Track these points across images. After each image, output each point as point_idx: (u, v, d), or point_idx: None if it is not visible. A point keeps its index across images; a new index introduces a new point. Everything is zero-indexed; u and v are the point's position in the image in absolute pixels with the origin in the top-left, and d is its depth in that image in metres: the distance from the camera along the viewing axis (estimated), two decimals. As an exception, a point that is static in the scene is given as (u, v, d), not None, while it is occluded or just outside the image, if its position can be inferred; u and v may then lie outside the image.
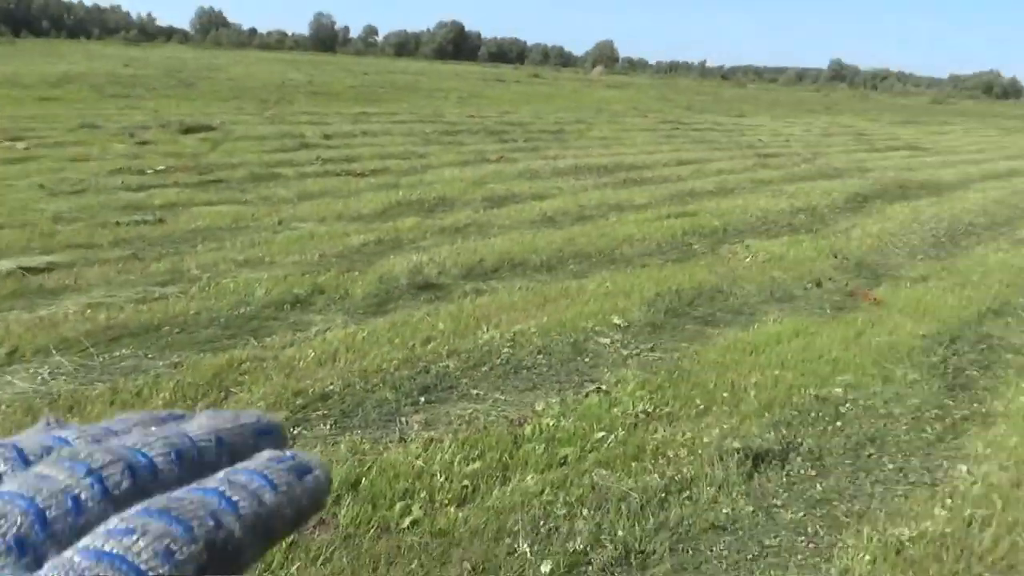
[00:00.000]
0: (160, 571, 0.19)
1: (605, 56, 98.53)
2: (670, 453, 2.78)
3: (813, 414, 3.23)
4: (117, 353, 3.51)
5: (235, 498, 0.22)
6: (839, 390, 3.47)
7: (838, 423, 3.17)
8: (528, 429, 2.87)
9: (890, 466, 2.92)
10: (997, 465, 2.96)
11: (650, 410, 3.13)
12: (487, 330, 3.99)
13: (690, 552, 2.28)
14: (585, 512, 2.37)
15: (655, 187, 8.84)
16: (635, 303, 4.55)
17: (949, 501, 2.68)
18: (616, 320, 4.24)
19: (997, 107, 59.97)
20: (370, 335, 3.84)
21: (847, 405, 3.34)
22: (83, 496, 0.21)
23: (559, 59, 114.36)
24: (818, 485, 2.72)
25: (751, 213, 7.42)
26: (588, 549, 2.19)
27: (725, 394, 3.30)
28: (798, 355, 3.85)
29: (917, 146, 17.20)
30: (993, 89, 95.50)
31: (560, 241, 5.97)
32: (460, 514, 2.32)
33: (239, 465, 0.24)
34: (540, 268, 5.32)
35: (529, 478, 2.53)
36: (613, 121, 18.14)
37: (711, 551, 2.30)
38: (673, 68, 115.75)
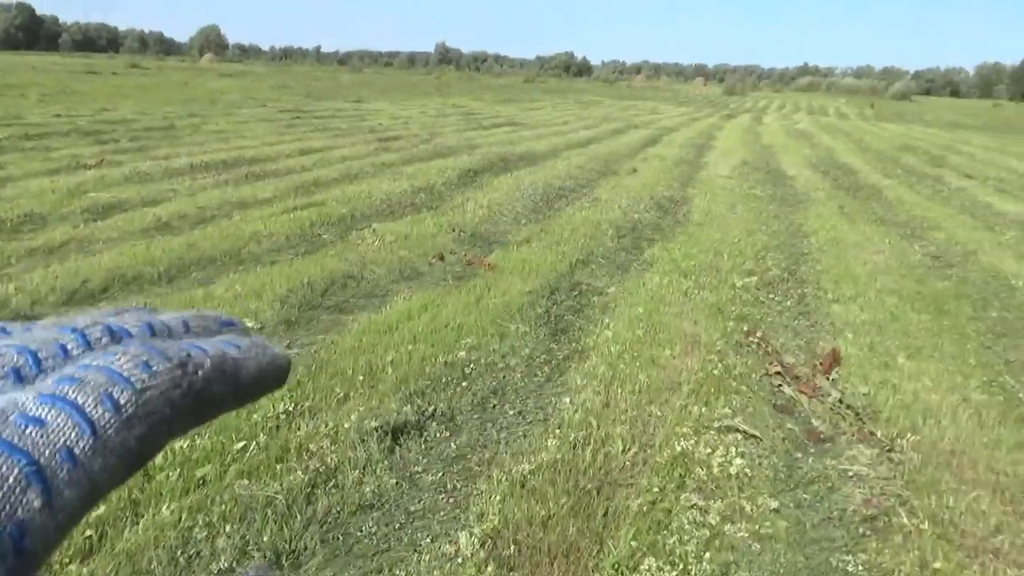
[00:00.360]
0: (140, 377, 0.23)
1: (213, 43, 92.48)
2: (313, 447, 2.83)
3: (444, 380, 3.53)
4: None
5: (204, 346, 0.26)
6: (463, 353, 3.83)
7: (464, 383, 3.51)
8: (158, 457, 2.68)
9: (511, 412, 3.32)
10: (592, 392, 3.54)
11: (291, 408, 3.13)
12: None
13: (340, 539, 2.36)
14: (228, 528, 2.31)
15: (279, 180, 8.67)
16: (267, 302, 4.47)
17: (558, 431, 3.15)
18: (248, 323, 4.12)
19: (576, 84, 69.80)
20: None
21: (471, 365, 3.71)
22: (69, 346, 0.24)
23: (160, 47, 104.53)
24: (452, 444, 3.00)
25: (376, 197, 7.69)
26: (234, 565, 2.15)
27: (362, 377, 3.44)
28: (428, 327, 4.15)
29: (516, 122, 19.33)
30: (571, 68, 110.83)
31: (180, 248, 5.57)
32: (84, 570, 2.10)
33: (206, 337, 0.28)
34: (159, 280, 4.92)
35: (164, 509, 2.38)
36: (229, 113, 17.24)
37: (360, 531, 2.41)
38: (288, 54, 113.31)
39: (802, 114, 34.90)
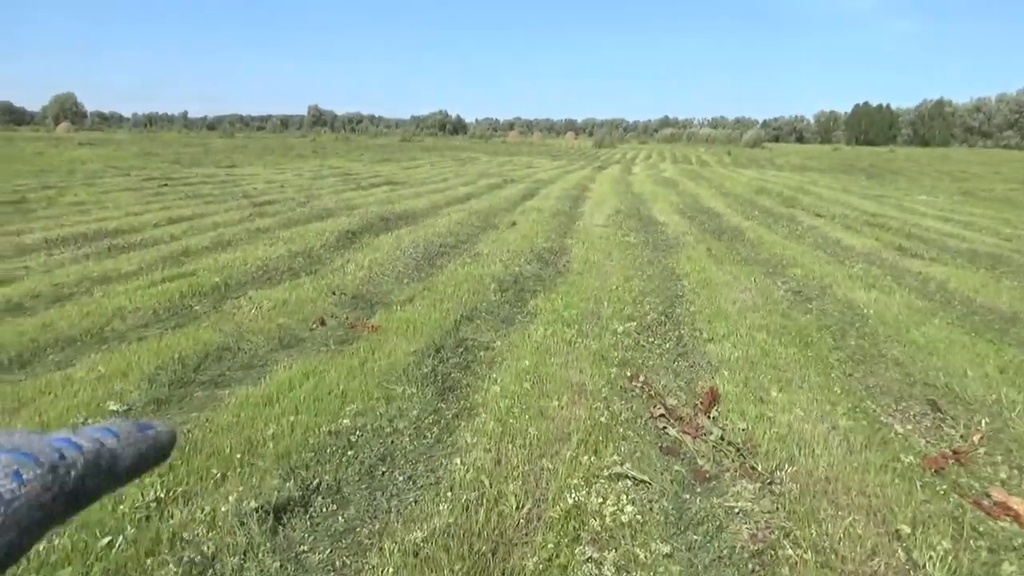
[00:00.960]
0: (10, 487, 0.24)
1: (69, 111, 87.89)
2: (188, 535, 2.64)
3: (328, 450, 3.40)
4: None
5: (79, 441, 0.27)
6: (348, 420, 3.72)
7: (351, 452, 3.39)
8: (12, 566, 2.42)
9: (401, 478, 3.23)
10: (482, 450, 3.50)
11: (163, 495, 2.92)
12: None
13: (220, 632, 2.20)
14: (91, 637, 2.10)
15: (146, 251, 8.25)
16: (133, 382, 4.19)
17: (450, 493, 3.08)
18: (113, 406, 3.85)
19: (453, 141, 70.97)
20: None
21: (357, 432, 3.60)
22: None
23: (8, 115, 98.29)
24: (340, 518, 2.88)
25: (251, 264, 7.44)
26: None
27: (240, 455, 3.26)
28: (310, 396, 4.00)
29: (394, 181, 19.37)
30: (446, 126, 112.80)
31: (34, 330, 5.16)
32: None
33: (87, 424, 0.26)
34: (10, 367, 4.52)
35: (16, 624, 2.14)
36: (90, 183, 16.34)
37: (243, 622, 2.25)
38: (153, 121, 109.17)
39: (667, 163, 36.89)
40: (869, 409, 4.22)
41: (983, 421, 4.03)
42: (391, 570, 2.55)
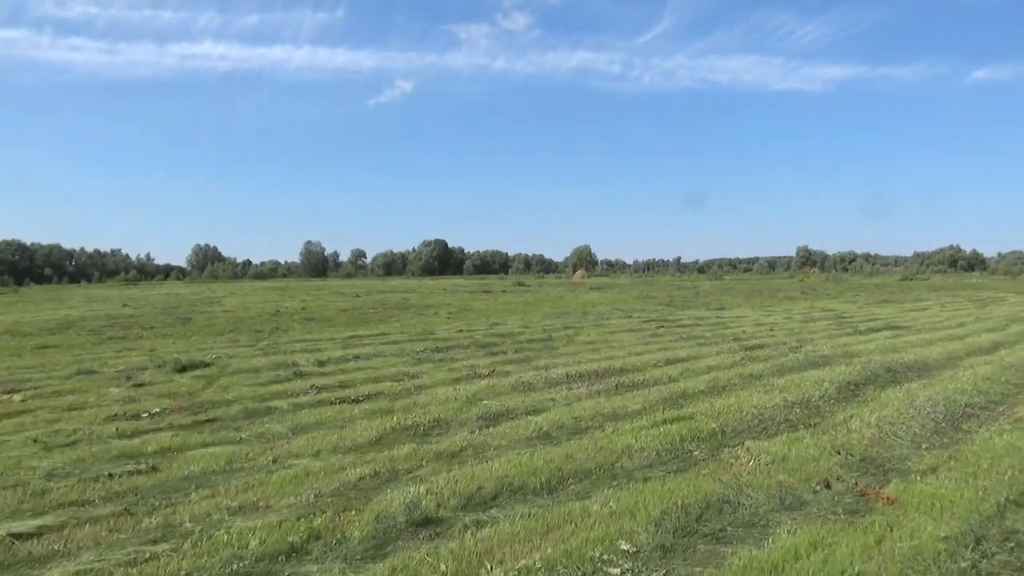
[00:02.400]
0: None
1: (584, 260, 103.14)
2: None
3: (847, 643, 3.01)
4: (100, 632, 3.29)
5: None
6: (869, 612, 3.26)
7: (875, 653, 2.94)
8: None
9: None
10: None
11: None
12: (491, 568, 3.81)
13: None
14: None
15: (647, 391, 8.88)
16: (641, 523, 4.39)
17: None
18: (624, 546, 4.07)
19: (968, 279, 62.29)
20: (369, 586, 3.64)
21: (881, 629, 3.13)
22: None
23: (540, 266, 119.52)
24: None
25: (746, 411, 7.40)
26: None
27: (750, 628, 3.09)
28: (819, 571, 3.66)
29: (897, 325, 17.62)
30: (958, 262, 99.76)
31: (559, 459, 5.87)
32: None
33: None
34: (540, 491, 5.19)
35: None
36: (599, 324, 18.59)
37: None
38: (651, 266, 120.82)
39: None
40: None
41: None
42: None
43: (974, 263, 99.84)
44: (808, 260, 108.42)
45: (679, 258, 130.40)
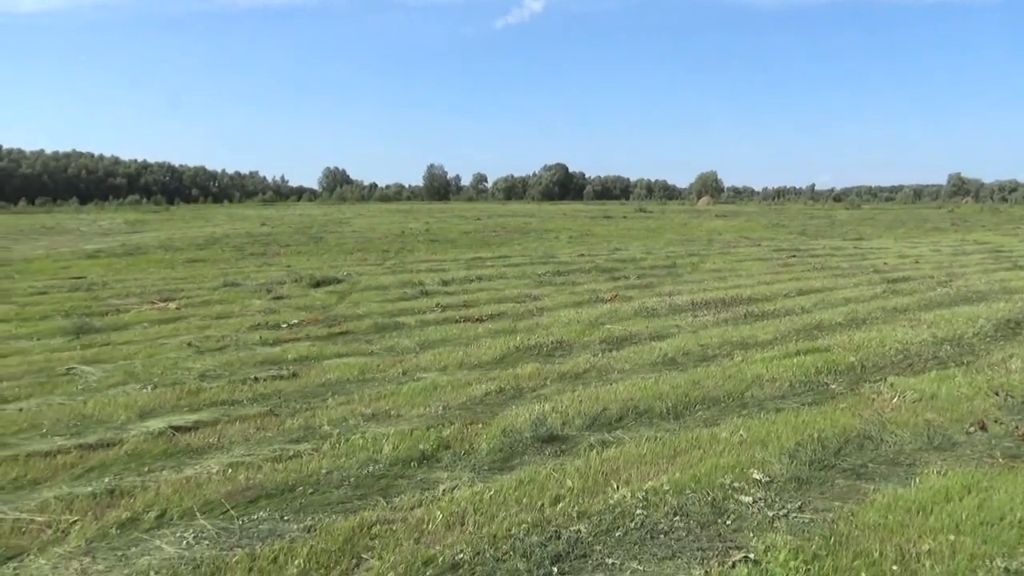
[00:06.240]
0: None
1: (709, 187, 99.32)
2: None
3: (1005, 593, 2.80)
4: (255, 516, 3.56)
5: None
6: (1033, 560, 3.01)
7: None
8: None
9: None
10: None
11: (804, 582, 2.80)
12: (617, 488, 3.79)
13: None
14: None
15: (779, 321, 8.51)
16: (774, 454, 4.24)
17: None
18: (756, 475, 3.95)
19: None
20: (497, 494, 3.72)
21: (1047, 581, 2.88)
22: None
23: (663, 192, 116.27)
24: None
25: (889, 346, 6.94)
26: None
27: (895, 567, 2.93)
28: (974, 516, 3.41)
29: (1065, 261, 15.94)
30: None
31: (685, 385, 5.75)
32: None
33: None
34: (667, 416, 5.11)
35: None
36: (725, 252, 17.95)
37: None
38: (781, 194, 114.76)
39: None
40: None
41: None
42: None
43: None
44: (961, 189, 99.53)
45: (813, 185, 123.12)
